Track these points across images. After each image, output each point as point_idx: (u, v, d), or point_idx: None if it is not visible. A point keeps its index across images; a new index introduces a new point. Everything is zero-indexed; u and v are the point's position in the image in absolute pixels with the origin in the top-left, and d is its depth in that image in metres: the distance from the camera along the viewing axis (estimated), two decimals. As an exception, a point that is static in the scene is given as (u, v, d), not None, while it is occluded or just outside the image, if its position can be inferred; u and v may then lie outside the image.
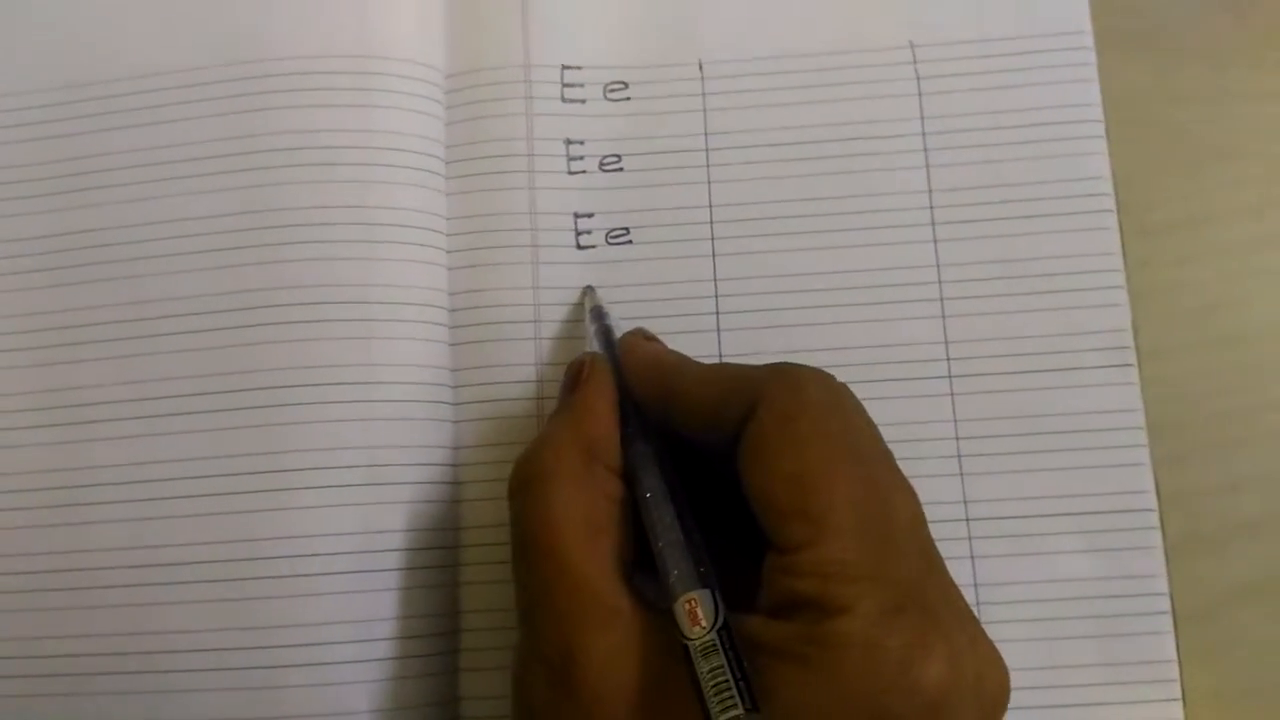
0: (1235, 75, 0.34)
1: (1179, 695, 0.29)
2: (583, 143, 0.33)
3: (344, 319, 0.31)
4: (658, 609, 0.24)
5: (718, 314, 0.32)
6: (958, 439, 0.31)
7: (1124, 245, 0.32)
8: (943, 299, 0.32)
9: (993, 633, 0.23)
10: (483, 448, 0.31)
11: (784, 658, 0.22)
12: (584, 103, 0.33)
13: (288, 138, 0.32)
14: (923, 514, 0.24)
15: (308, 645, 0.29)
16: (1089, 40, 0.33)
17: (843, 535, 0.22)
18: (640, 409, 0.27)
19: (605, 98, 0.34)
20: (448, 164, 0.33)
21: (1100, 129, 0.33)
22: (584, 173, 0.33)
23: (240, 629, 0.29)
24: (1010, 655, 0.23)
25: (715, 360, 0.31)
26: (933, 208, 0.32)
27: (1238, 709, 0.30)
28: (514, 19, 0.34)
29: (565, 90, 0.33)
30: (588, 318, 0.31)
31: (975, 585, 0.30)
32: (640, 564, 0.26)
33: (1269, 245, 0.33)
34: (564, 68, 0.34)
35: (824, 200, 0.33)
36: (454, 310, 0.32)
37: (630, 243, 0.33)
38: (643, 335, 0.30)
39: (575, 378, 0.28)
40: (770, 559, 0.23)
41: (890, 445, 0.25)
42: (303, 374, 0.30)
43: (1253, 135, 0.34)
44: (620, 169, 0.33)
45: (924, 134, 0.33)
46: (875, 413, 0.25)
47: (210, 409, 0.31)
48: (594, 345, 0.30)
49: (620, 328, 0.30)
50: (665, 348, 0.30)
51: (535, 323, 0.32)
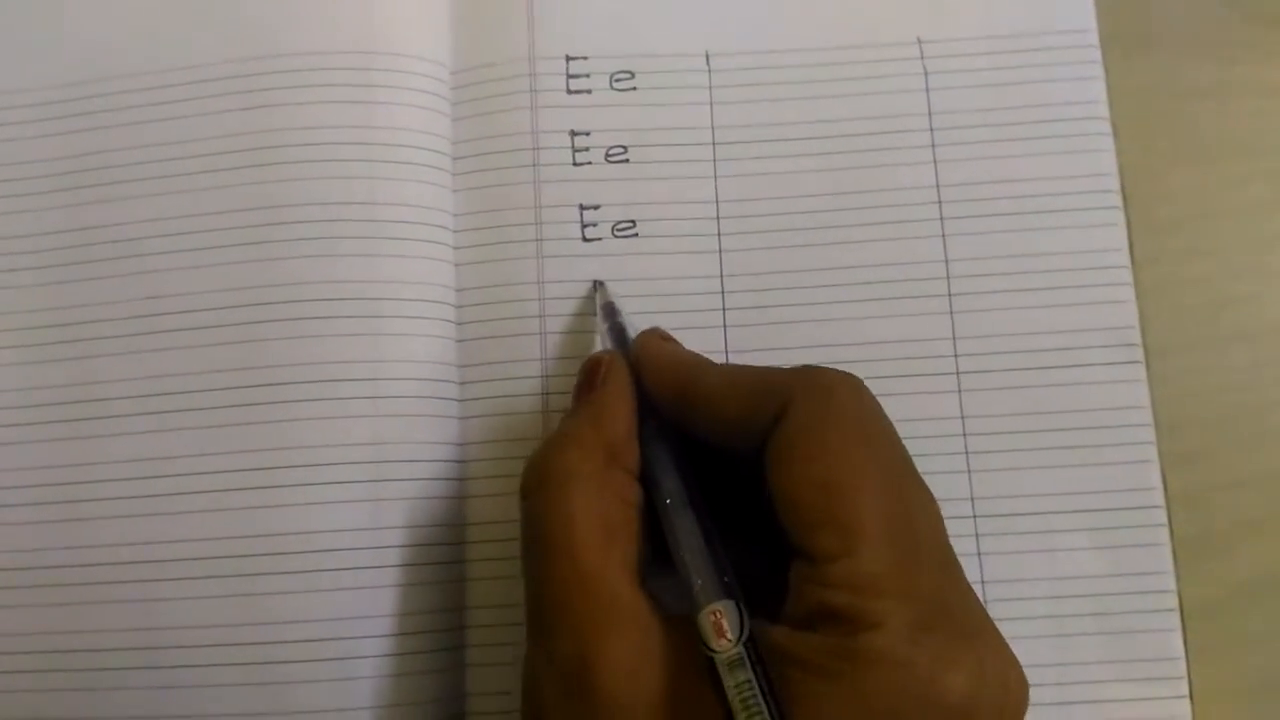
0: (1242, 70, 0.34)
1: (1186, 692, 0.29)
2: (588, 134, 0.33)
3: (351, 315, 0.30)
4: (674, 614, 0.24)
5: (724, 308, 0.32)
6: (965, 435, 0.31)
7: (1131, 241, 0.32)
8: (950, 295, 0.32)
9: (1000, 629, 0.23)
10: (489, 443, 0.31)
11: (812, 671, 0.21)
12: (589, 94, 0.33)
13: (294, 134, 0.32)
14: (942, 521, 0.24)
15: (315, 640, 0.29)
16: (1094, 38, 0.33)
17: (874, 547, 0.22)
18: (658, 411, 0.27)
19: (611, 88, 0.33)
20: (454, 159, 0.33)
21: (1107, 125, 0.33)
22: (589, 164, 0.33)
23: (248, 624, 0.29)
24: (1018, 652, 0.23)
25: (722, 354, 0.31)
26: (940, 203, 0.32)
27: (1245, 705, 0.30)
28: (519, 9, 0.33)
29: (570, 81, 0.33)
30: (598, 314, 0.30)
31: (983, 582, 0.30)
32: (651, 570, 0.25)
33: (1278, 241, 0.33)
34: (569, 58, 0.33)
35: (831, 195, 0.32)
36: (460, 305, 0.32)
37: (636, 235, 0.32)
38: (659, 335, 0.29)
39: (592, 377, 0.27)
40: (798, 568, 0.23)
41: (900, 443, 0.25)
42: (310, 370, 0.30)
43: (1260, 130, 0.34)
44: (626, 161, 0.33)
45: (931, 129, 0.33)
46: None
47: (218, 405, 0.30)
48: (605, 342, 0.29)
49: (631, 324, 0.30)
50: (683, 348, 0.29)
51: (541, 317, 0.31)
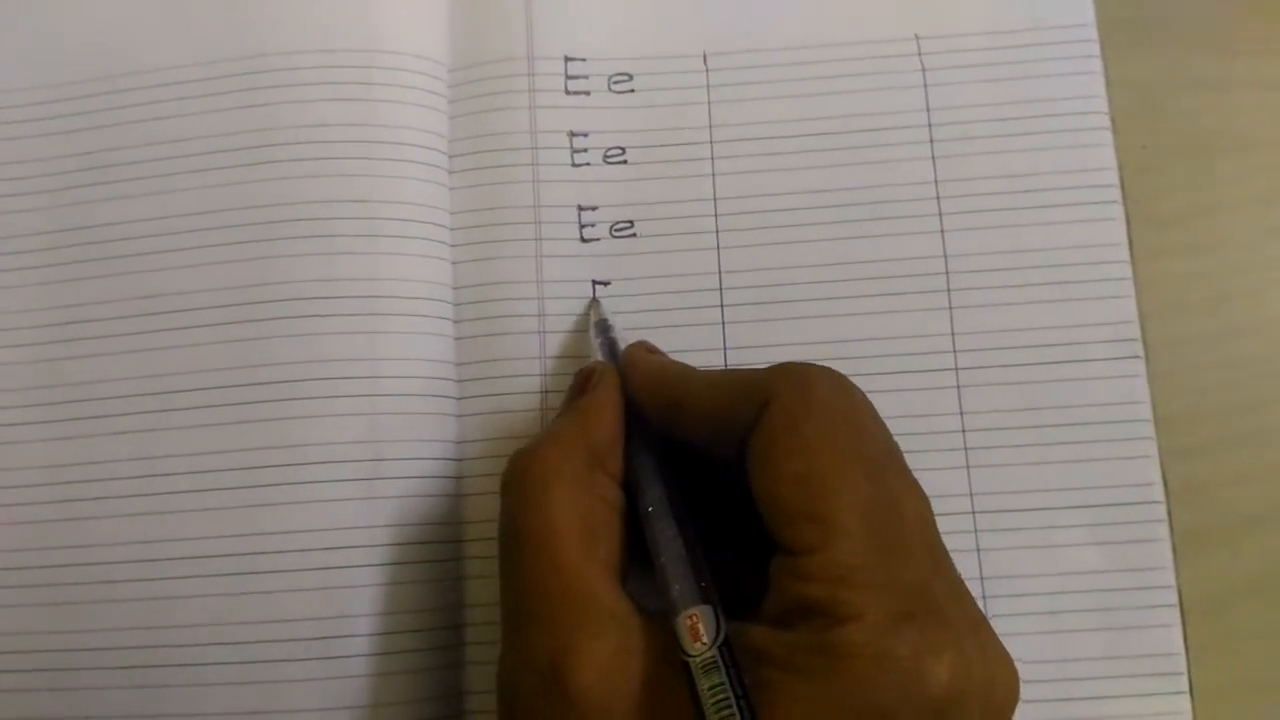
0: (1242, 63, 0.34)
1: (1186, 688, 0.29)
2: (586, 135, 0.33)
3: (348, 313, 0.31)
4: (653, 615, 0.24)
5: (722, 306, 0.32)
6: (964, 431, 0.31)
7: (1131, 236, 0.32)
8: (949, 290, 0.32)
9: (999, 625, 0.23)
10: (486, 441, 0.31)
11: (788, 669, 0.21)
12: (588, 94, 0.33)
13: (291, 132, 0.32)
14: (931, 514, 0.24)
15: (311, 639, 0.29)
16: (1093, 31, 0.33)
17: (851, 538, 0.22)
18: (645, 420, 0.27)
19: (609, 90, 0.33)
20: (451, 157, 0.33)
21: (1106, 120, 0.33)
22: (588, 165, 0.33)
23: (244, 622, 0.29)
24: (1016, 648, 0.23)
25: (720, 352, 0.31)
26: (939, 199, 0.32)
27: (1245, 702, 0.30)
28: (517, 10, 0.34)
29: (569, 82, 0.33)
30: (592, 330, 0.31)
31: (981, 578, 0.30)
32: (630, 576, 0.25)
33: (1278, 235, 0.33)
34: (567, 59, 0.33)
35: (829, 192, 0.32)
36: (458, 304, 0.32)
37: (634, 236, 0.32)
38: (645, 348, 0.30)
39: (584, 384, 0.28)
40: (777, 562, 0.23)
41: (897, 438, 0.25)
42: (307, 368, 0.30)
43: (1261, 124, 0.33)
44: (624, 161, 0.33)
45: (930, 125, 0.33)
46: (881, 405, 0.25)
47: (215, 403, 0.31)
48: (598, 357, 0.30)
49: (624, 339, 0.30)
50: (669, 359, 0.29)
51: (539, 316, 0.32)
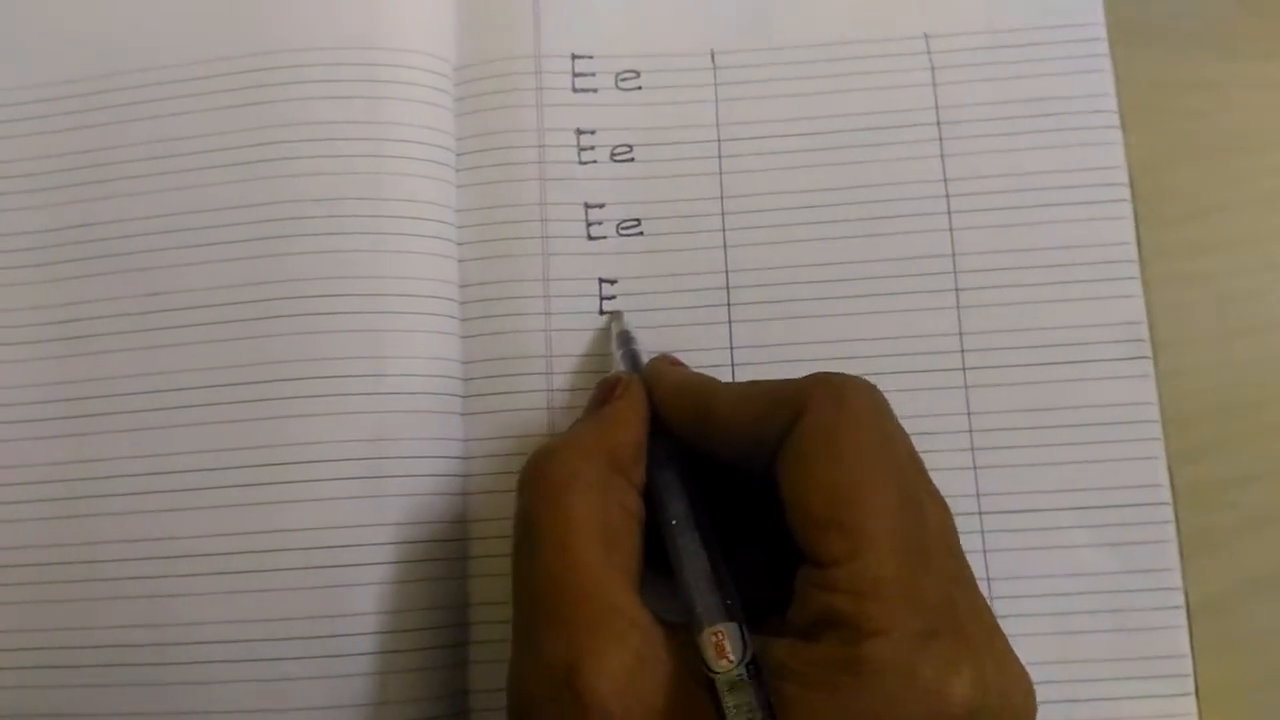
0: (1250, 64, 0.34)
1: (1192, 689, 0.29)
2: (594, 133, 0.33)
3: (354, 311, 0.31)
4: (672, 624, 0.23)
5: (729, 305, 0.32)
6: (971, 431, 0.31)
7: (1139, 236, 0.32)
8: (957, 290, 0.32)
9: (1006, 627, 0.23)
10: (492, 439, 0.31)
11: (811, 685, 0.21)
12: (595, 92, 0.33)
13: (297, 129, 0.32)
14: (952, 521, 0.24)
15: (318, 637, 0.29)
16: (1101, 30, 0.33)
17: (879, 550, 0.22)
18: (668, 433, 0.27)
19: (617, 87, 0.33)
20: (458, 155, 0.33)
21: (1115, 119, 0.33)
22: (595, 163, 0.33)
23: (251, 620, 0.29)
24: (1023, 649, 0.23)
25: (727, 351, 0.31)
26: (948, 197, 0.32)
27: (1251, 703, 0.30)
28: (524, 8, 0.33)
29: (576, 80, 0.33)
30: (613, 342, 0.31)
31: (988, 579, 0.30)
32: (646, 587, 0.25)
33: (1286, 236, 0.33)
34: (574, 57, 0.33)
35: (837, 191, 0.32)
36: (464, 302, 0.32)
37: (641, 234, 0.32)
38: (669, 360, 0.30)
39: (608, 393, 0.28)
40: (804, 572, 0.23)
41: (904, 438, 0.25)
42: (314, 365, 0.30)
43: (1268, 124, 0.33)
44: (631, 159, 0.33)
45: (938, 124, 0.33)
46: (889, 405, 0.25)
47: (222, 400, 0.31)
48: (620, 369, 0.30)
49: (646, 352, 0.30)
50: (693, 371, 0.29)
51: (546, 314, 0.32)
